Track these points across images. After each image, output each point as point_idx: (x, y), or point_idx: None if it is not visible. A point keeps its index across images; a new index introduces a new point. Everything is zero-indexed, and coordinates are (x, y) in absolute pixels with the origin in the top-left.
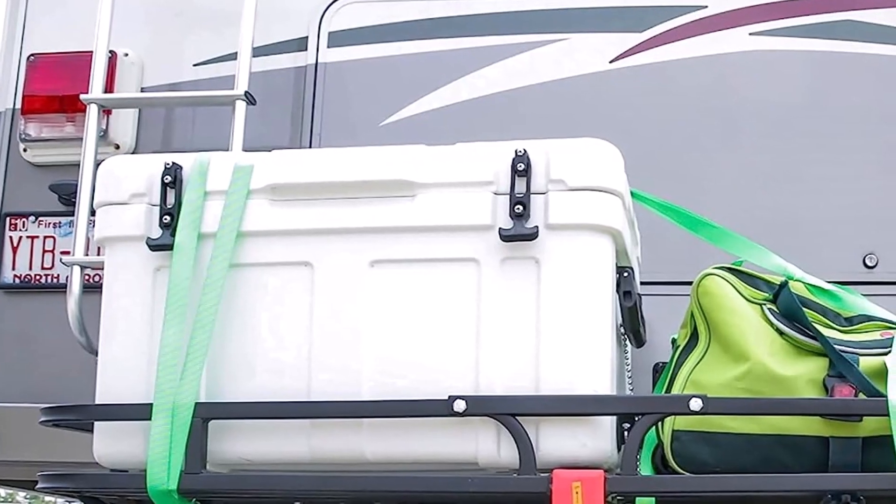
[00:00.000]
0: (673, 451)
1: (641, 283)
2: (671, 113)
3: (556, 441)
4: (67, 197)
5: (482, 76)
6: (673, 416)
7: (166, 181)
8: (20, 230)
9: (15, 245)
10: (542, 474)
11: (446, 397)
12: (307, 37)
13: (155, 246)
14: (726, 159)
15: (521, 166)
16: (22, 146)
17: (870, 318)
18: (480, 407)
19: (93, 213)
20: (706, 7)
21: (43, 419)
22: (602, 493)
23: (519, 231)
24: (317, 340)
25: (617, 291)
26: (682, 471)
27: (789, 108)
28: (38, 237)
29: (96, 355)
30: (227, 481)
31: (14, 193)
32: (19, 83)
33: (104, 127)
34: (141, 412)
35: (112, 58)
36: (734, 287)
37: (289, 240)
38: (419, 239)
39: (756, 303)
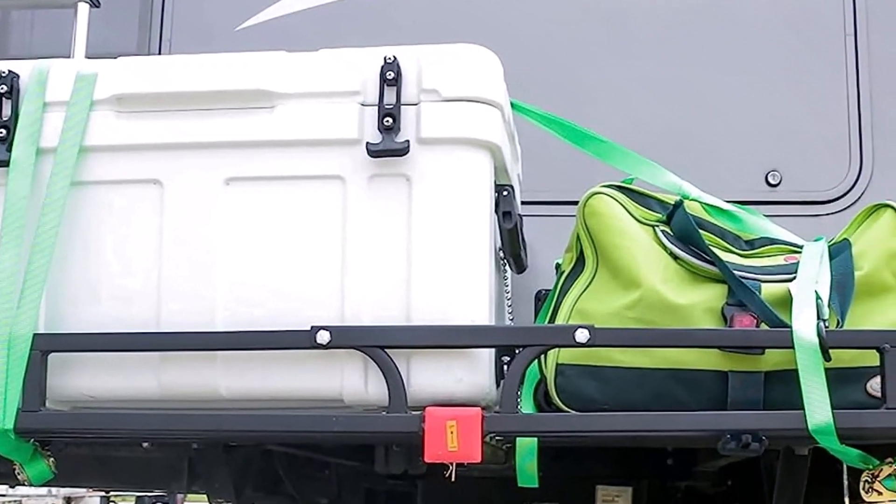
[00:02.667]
0: (557, 386)
1: (522, 203)
2: (555, 16)
3: (430, 376)
4: None
5: None
6: (557, 349)
7: (1, 91)
8: None
9: None
10: (414, 412)
11: (308, 328)
12: None
13: None
14: (616, 67)
15: (390, 75)
16: None
17: (773, 241)
18: (346, 338)
19: None
20: None
21: None
22: (479, 433)
23: (388, 146)
24: (167, 265)
25: (495, 212)
26: (566, 408)
27: (686, 12)
28: None
29: None
30: (68, 420)
31: None
32: None
33: None
34: None
35: None
36: (624, 207)
37: (136, 155)
38: (279, 154)
39: (648, 224)
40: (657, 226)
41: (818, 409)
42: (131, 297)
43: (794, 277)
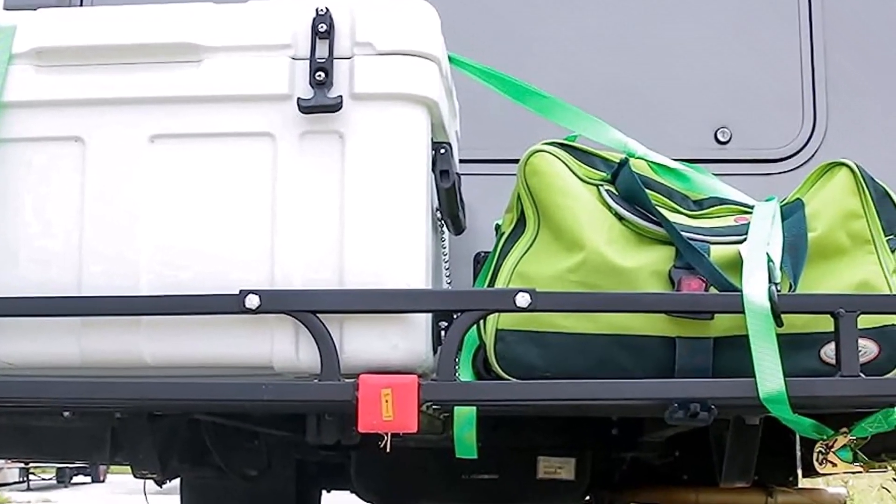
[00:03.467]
0: (496, 353)
1: (460, 161)
2: None
3: (364, 342)
4: None
5: None
6: (496, 314)
7: None
8: None
9: None
10: (347, 380)
11: (237, 292)
12: None
13: None
14: (558, 19)
15: (322, 27)
16: None
17: (722, 201)
18: (276, 303)
19: None
20: None
21: None
22: (415, 402)
23: (320, 101)
24: (88, 226)
25: (432, 170)
26: (506, 376)
27: None
28: None
29: None
30: None
31: None
32: None
33: None
34: None
35: None
36: (567, 165)
37: (57, 111)
38: (206, 110)
39: (592, 183)
40: (601, 185)
41: (770, 377)
42: (51, 259)
43: (745, 239)
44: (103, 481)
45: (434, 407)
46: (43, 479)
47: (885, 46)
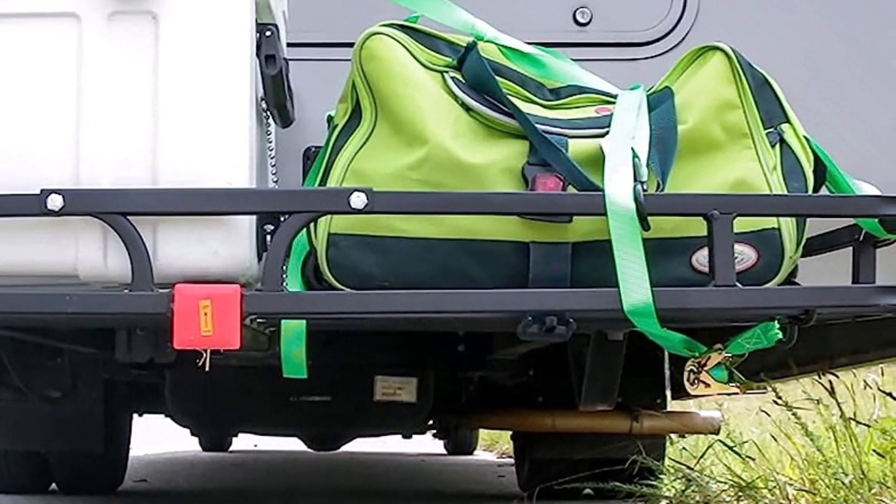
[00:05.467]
0: (329, 260)
1: (288, 45)
2: None
3: (180, 248)
4: None
5: None
6: (328, 216)
7: None
8: None
9: None
10: (162, 290)
11: (38, 191)
12: None
13: None
14: None
15: None
16: None
17: (582, 90)
18: (81, 203)
19: None
20: None
21: None
22: (238, 314)
23: None
24: None
25: (257, 55)
26: (339, 286)
27: None
28: None
29: None
30: None
31: None
32: None
33: None
34: None
35: None
36: (407, 50)
37: None
38: None
39: (436, 70)
40: (446, 72)
41: (635, 287)
42: None
43: (607, 132)
44: None
45: (259, 320)
46: None
47: None
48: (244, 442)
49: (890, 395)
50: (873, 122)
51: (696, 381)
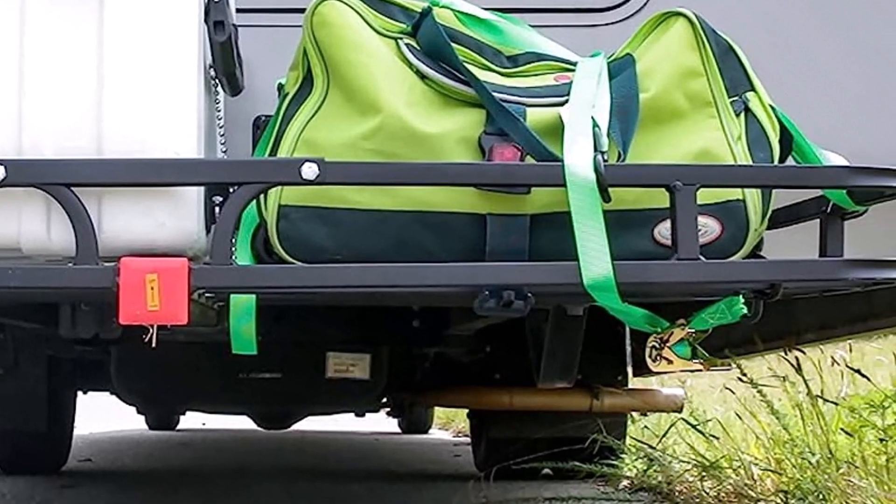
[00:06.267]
0: (279, 232)
1: (238, 11)
2: None
3: (126, 220)
4: None
5: None
6: (279, 187)
7: None
8: None
9: None
10: (107, 264)
11: None
12: None
13: None
14: None
15: None
16: None
17: (540, 57)
18: (23, 174)
19: None
20: None
21: None
22: (185, 289)
23: None
24: None
25: (205, 21)
26: (290, 259)
27: None
28: None
29: None
30: None
31: None
32: None
33: None
34: None
35: None
36: (360, 16)
37: None
38: None
39: (390, 37)
40: (401, 38)
41: (595, 260)
42: None
43: (567, 101)
44: None
45: (207, 295)
46: None
47: None
48: (192, 420)
49: (858, 371)
50: (841, 91)
51: (658, 358)
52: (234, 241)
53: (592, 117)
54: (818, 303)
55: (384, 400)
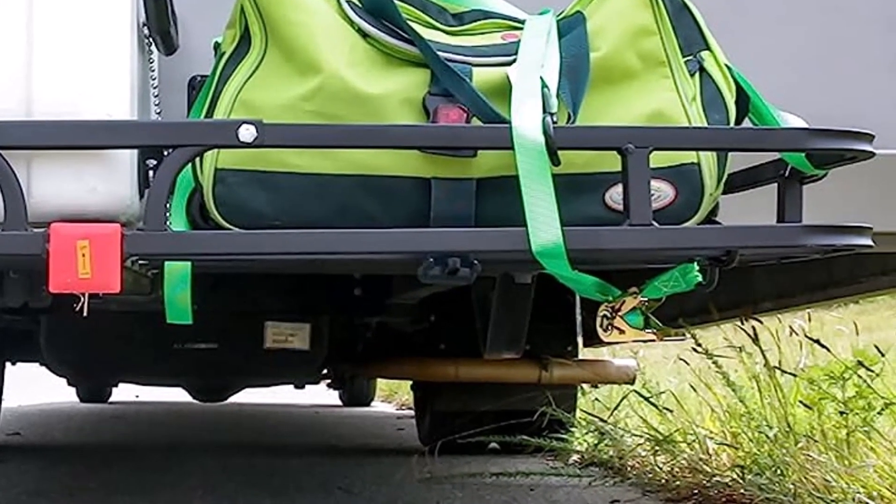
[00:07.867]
0: (216, 197)
1: None
2: None
3: (56, 185)
4: None
5: None
6: (215, 150)
7: None
8: None
9: None
10: (36, 230)
11: None
12: None
13: None
14: None
15: None
16: None
17: (487, 15)
18: None
19: None
20: None
21: None
22: (118, 256)
23: None
24: None
25: None
26: (227, 225)
27: None
28: None
29: None
30: None
31: None
32: None
33: None
34: None
35: None
36: None
37: None
38: None
39: None
40: None
41: (544, 226)
42: None
43: (514, 60)
44: None
45: (140, 262)
46: None
47: None
48: (125, 393)
49: (817, 341)
50: (800, 50)
51: (609, 328)
52: (168, 206)
53: (541, 77)
54: (776, 271)
55: (324, 371)
